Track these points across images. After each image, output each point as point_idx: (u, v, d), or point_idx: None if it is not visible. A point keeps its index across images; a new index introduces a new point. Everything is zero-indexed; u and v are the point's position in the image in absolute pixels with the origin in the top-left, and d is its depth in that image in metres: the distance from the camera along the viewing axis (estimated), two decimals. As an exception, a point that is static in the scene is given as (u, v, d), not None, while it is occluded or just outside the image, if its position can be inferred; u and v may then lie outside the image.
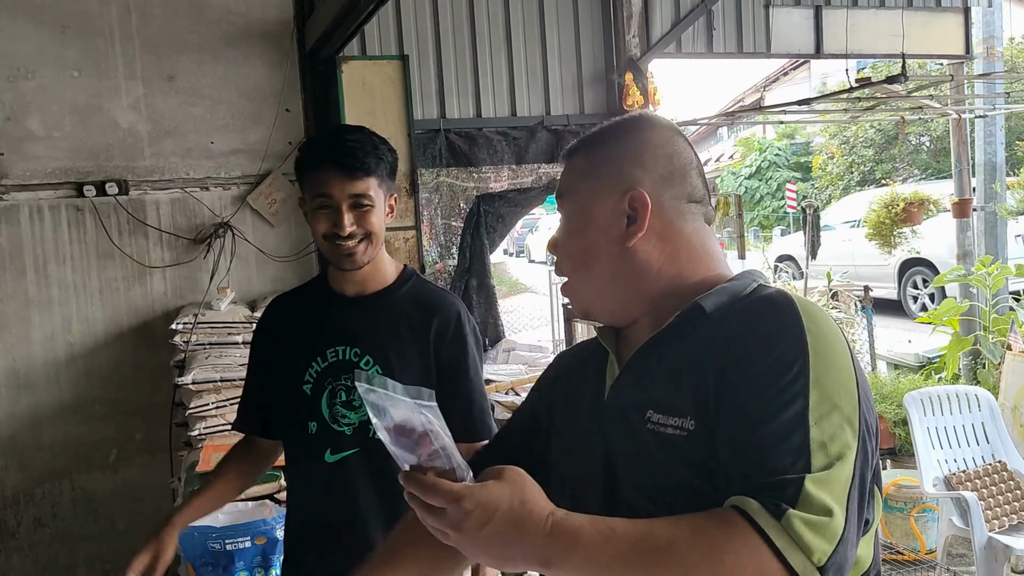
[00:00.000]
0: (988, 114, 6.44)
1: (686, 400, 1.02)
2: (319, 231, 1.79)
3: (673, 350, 1.08)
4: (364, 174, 1.77)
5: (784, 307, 1.02)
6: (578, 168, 1.19)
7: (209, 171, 4.35)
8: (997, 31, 6.50)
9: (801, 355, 0.97)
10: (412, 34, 4.81)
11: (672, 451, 1.02)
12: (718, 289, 1.10)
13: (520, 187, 4.99)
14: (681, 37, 5.28)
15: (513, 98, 5.01)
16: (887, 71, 13.28)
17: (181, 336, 3.88)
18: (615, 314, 1.19)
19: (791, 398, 0.95)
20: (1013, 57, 15.33)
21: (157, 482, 4.15)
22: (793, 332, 0.99)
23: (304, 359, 1.88)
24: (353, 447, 1.85)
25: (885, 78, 4.46)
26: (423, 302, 1.90)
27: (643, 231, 1.12)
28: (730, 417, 0.98)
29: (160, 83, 4.25)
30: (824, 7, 5.63)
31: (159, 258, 4.29)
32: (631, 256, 1.13)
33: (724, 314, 1.06)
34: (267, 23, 4.40)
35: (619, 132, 1.19)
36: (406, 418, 0.94)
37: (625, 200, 1.13)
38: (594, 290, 1.18)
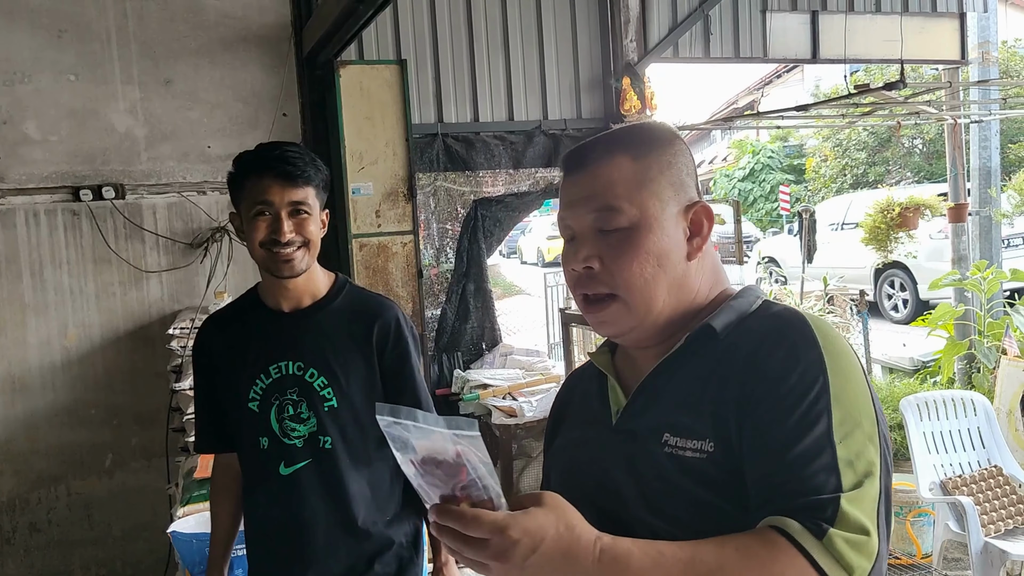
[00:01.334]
0: (983, 119, 6.46)
1: (704, 423, 1.02)
2: (256, 239, 1.80)
3: (685, 372, 1.08)
4: (304, 182, 1.80)
5: (798, 326, 1.03)
6: (630, 173, 1.11)
7: (206, 175, 4.34)
8: (992, 36, 6.53)
9: (821, 374, 0.98)
10: (410, 39, 4.81)
11: (692, 474, 1.02)
12: (725, 308, 1.10)
13: (517, 192, 5.00)
14: (678, 42, 5.29)
15: (510, 102, 5.01)
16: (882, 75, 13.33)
17: (178, 341, 3.86)
18: (653, 335, 1.13)
19: (815, 418, 0.96)
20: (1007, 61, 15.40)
21: (153, 487, 4.14)
22: (810, 352, 1.00)
23: (247, 377, 1.90)
24: (305, 459, 1.88)
25: (883, 84, 4.47)
26: (361, 309, 1.94)
27: (705, 244, 1.11)
28: (756, 439, 0.98)
29: (157, 87, 4.24)
30: (821, 12, 5.65)
31: (156, 262, 4.28)
32: (687, 273, 1.11)
33: (734, 333, 1.07)
34: (264, 27, 4.39)
35: (662, 140, 1.14)
36: (435, 449, 0.90)
37: (691, 212, 1.11)
38: (654, 308, 1.10)
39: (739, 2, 5.45)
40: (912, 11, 5.91)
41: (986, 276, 5.28)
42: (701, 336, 1.08)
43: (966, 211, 6.27)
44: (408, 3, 4.78)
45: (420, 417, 0.91)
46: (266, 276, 1.90)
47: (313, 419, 1.88)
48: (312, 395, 1.87)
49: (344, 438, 1.89)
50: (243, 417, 1.92)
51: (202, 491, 3.13)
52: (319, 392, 1.88)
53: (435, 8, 4.87)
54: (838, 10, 5.66)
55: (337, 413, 1.88)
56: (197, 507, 3.07)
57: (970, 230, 6.51)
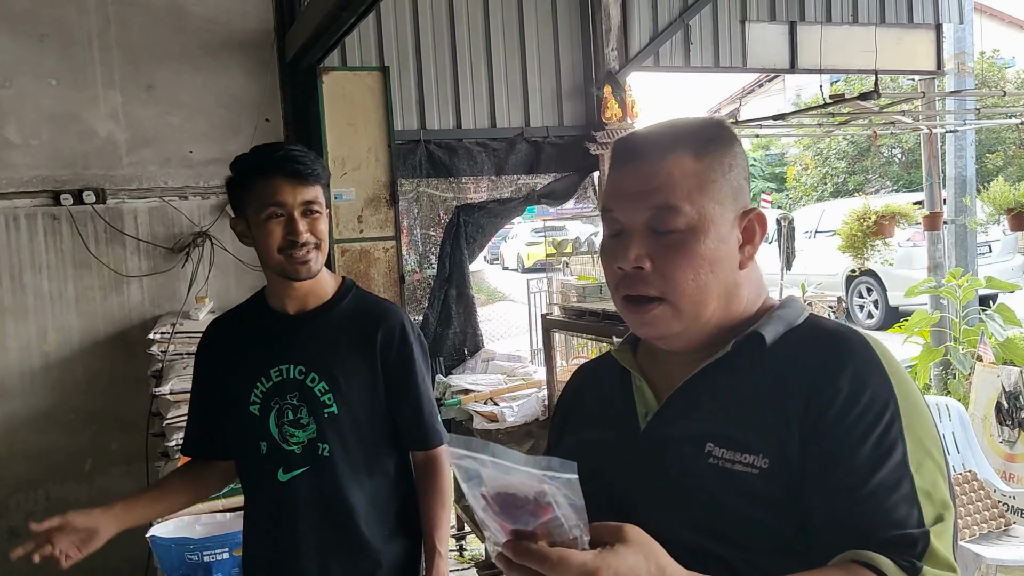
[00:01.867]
0: (959, 129, 6.56)
1: (756, 436, 0.97)
2: (273, 243, 1.77)
3: (731, 381, 1.02)
4: (314, 180, 1.78)
5: (861, 346, 0.99)
6: (691, 171, 1.04)
7: (188, 180, 4.34)
8: (968, 47, 6.63)
9: (891, 399, 0.95)
10: (393, 45, 4.84)
11: (741, 488, 0.96)
12: (773, 317, 1.05)
13: (500, 198, 5.03)
14: (659, 51, 5.34)
15: (493, 110, 5.04)
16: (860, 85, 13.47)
17: (158, 346, 3.86)
18: (696, 340, 1.08)
19: (891, 445, 0.93)
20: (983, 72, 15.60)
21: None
22: (878, 374, 0.96)
23: (249, 380, 1.86)
24: (303, 466, 1.84)
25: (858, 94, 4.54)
26: (366, 314, 1.89)
27: (757, 253, 1.07)
28: (827, 464, 0.94)
29: (138, 92, 4.24)
30: (799, 23, 5.72)
31: (136, 267, 4.27)
32: (739, 281, 1.06)
33: (782, 344, 1.02)
34: (247, 33, 4.40)
35: (723, 140, 1.07)
36: (513, 486, 0.84)
37: (744, 220, 1.05)
38: (703, 312, 1.05)
39: (719, 12, 5.51)
40: (889, 22, 6.00)
41: (961, 284, 5.36)
42: (749, 344, 1.03)
43: (941, 219, 6.36)
44: (391, 10, 4.81)
45: (499, 452, 0.85)
46: (274, 278, 1.86)
47: (313, 425, 1.83)
48: (312, 400, 1.83)
49: (344, 446, 1.84)
50: (243, 421, 1.88)
51: (182, 496, 3.13)
52: (319, 398, 1.83)
53: (418, 15, 4.90)
54: (815, 21, 5.73)
55: (337, 420, 1.83)
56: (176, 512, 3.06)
57: (945, 238, 6.60)
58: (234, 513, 3.06)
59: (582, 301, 4.27)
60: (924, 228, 6.39)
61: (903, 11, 6.06)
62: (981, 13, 16.28)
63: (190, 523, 2.99)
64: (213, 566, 2.76)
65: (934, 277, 6.37)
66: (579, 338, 4.63)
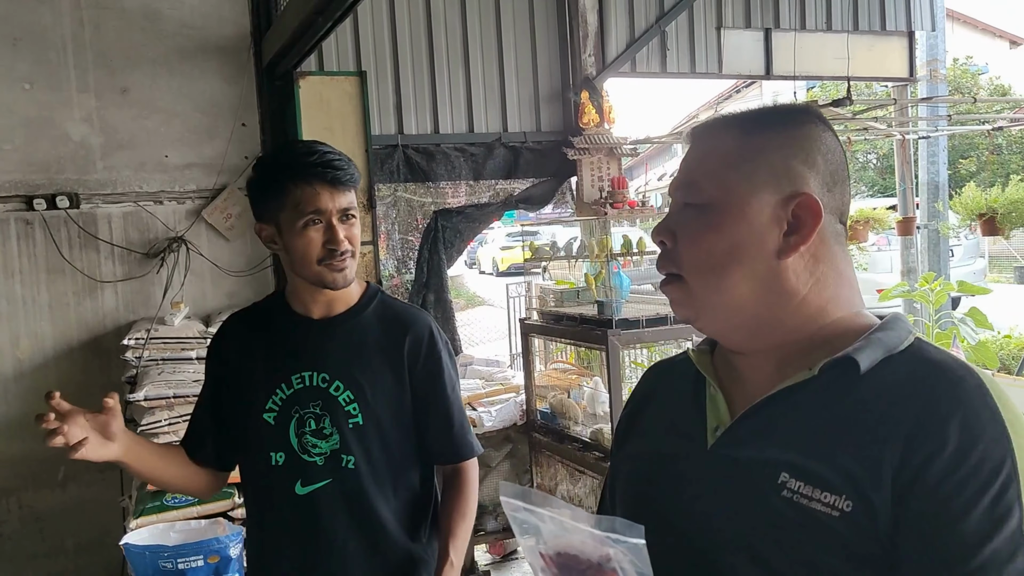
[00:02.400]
0: (931, 135, 6.64)
1: (839, 475, 0.87)
2: (312, 251, 1.68)
3: (815, 407, 0.92)
4: (352, 185, 1.72)
5: (974, 388, 0.86)
6: (727, 151, 0.98)
7: (163, 185, 4.32)
8: (940, 54, 6.74)
9: (1008, 454, 0.83)
10: (370, 50, 4.84)
11: (818, 529, 0.86)
12: (871, 340, 0.93)
13: (478, 203, 5.03)
14: (636, 57, 5.37)
15: (471, 115, 5.05)
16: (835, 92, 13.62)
17: (133, 352, 3.83)
18: (732, 335, 1.01)
19: (1006, 511, 0.81)
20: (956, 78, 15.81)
21: (106, 499, 4.08)
22: (994, 424, 0.84)
23: (267, 386, 1.77)
24: (325, 478, 1.74)
25: (831, 101, 4.60)
26: (393, 319, 1.81)
27: (806, 244, 0.95)
28: (931, 531, 0.83)
29: (113, 96, 4.21)
30: (774, 30, 5.78)
31: (111, 272, 4.24)
32: (780, 272, 0.95)
33: (882, 375, 0.90)
34: (223, 37, 4.39)
35: (787, 120, 1.00)
36: (574, 546, 0.80)
37: (791, 204, 0.95)
38: (722, 300, 0.97)
39: (695, 19, 5.56)
40: (862, 29, 6.07)
41: (934, 288, 5.41)
42: (840, 370, 0.91)
43: (914, 224, 6.43)
44: (368, 15, 4.81)
45: (559, 506, 0.80)
46: (302, 283, 1.77)
47: (336, 436, 1.74)
48: (336, 410, 1.74)
49: (369, 458, 1.75)
50: (254, 429, 1.77)
51: (155, 503, 3.12)
52: (344, 407, 1.74)
53: (395, 20, 4.91)
54: (790, 28, 5.79)
55: (362, 431, 1.74)
56: (150, 519, 3.05)
57: (918, 243, 6.68)
58: (209, 520, 3.05)
59: (560, 305, 4.29)
60: (898, 233, 6.46)
61: (876, 18, 6.14)
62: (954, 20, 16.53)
63: (164, 530, 2.98)
64: (188, 573, 2.75)
65: (907, 281, 6.44)
66: (557, 342, 4.65)
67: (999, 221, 4.97)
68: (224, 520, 3.05)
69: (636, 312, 3.76)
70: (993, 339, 5.46)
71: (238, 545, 2.87)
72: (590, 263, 4.15)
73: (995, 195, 5.01)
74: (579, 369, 4.70)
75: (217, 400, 1.86)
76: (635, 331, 3.63)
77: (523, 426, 4.48)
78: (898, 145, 6.58)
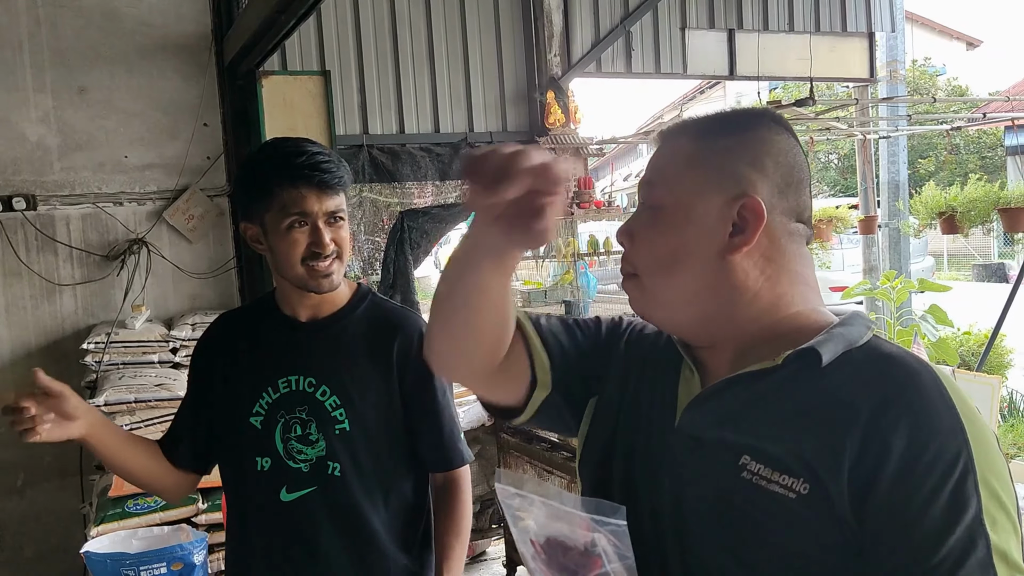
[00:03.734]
0: (891, 135, 6.74)
1: (799, 460, 0.90)
2: (296, 254, 1.64)
3: (778, 396, 0.95)
4: (340, 188, 1.66)
5: (929, 382, 0.90)
6: (681, 154, 1.02)
7: (123, 186, 4.24)
8: (900, 55, 6.84)
9: (964, 446, 0.86)
10: (334, 49, 4.80)
11: (777, 512, 0.90)
12: (833, 335, 0.95)
13: (444, 203, 5.01)
14: (601, 57, 5.39)
15: (436, 115, 5.03)
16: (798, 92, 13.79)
17: (93, 356, 3.76)
18: (687, 329, 1.04)
19: (964, 502, 0.84)
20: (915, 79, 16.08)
21: (67, 507, 4.01)
22: (950, 417, 0.87)
23: (253, 389, 1.71)
24: (310, 485, 1.69)
25: (794, 101, 4.64)
26: (382, 322, 1.76)
27: (749, 245, 0.98)
28: (894, 526, 0.86)
29: (71, 96, 4.13)
30: (737, 31, 5.83)
31: (69, 275, 4.16)
32: (727, 270, 0.99)
33: (842, 368, 0.93)
34: (184, 36, 4.33)
35: (739, 124, 1.03)
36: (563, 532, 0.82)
37: (736, 206, 0.98)
38: (672, 297, 1.01)
39: (659, 19, 5.59)
40: (824, 30, 6.15)
41: (895, 286, 5.49)
42: (803, 361, 0.94)
43: (876, 223, 6.52)
44: (332, 14, 4.77)
45: (552, 493, 0.82)
46: (288, 285, 1.72)
47: (322, 442, 1.68)
48: (322, 415, 1.69)
49: (356, 466, 1.69)
50: (241, 433, 1.72)
51: (116, 510, 3.06)
52: (330, 413, 1.69)
53: (359, 19, 4.87)
54: (753, 29, 5.85)
55: (349, 437, 1.69)
56: (111, 526, 2.99)
57: (880, 241, 6.78)
58: (172, 527, 3.00)
59: (527, 305, 4.28)
60: (860, 231, 6.55)
61: (837, 20, 6.22)
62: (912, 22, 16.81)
63: (126, 538, 2.92)
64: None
65: (869, 279, 6.52)
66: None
67: (958, 219, 5.04)
68: (187, 526, 2.99)
69: (604, 311, 3.77)
70: (953, 336, 5.55)
71: (202, 552, 2.82)
72: (557, 263, 4.16)
73: (954, 194, 5.09)
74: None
75: (201, 401, 1.81)
76: (602, 331, 3.63)
77: (491, 427, 4.47)
78: (859, 145, 6.67)
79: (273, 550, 1.73)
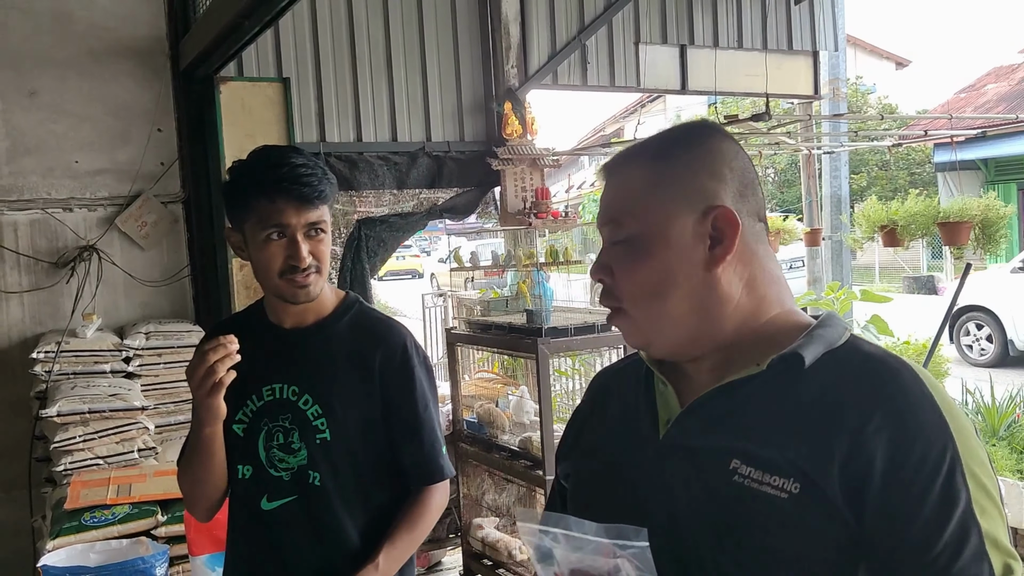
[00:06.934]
0: (835, 150, 6.95)
1: (788, 461, 0.92)
2: (274, 266, 1.64)
3: (763, 399, 0.97)
4: (321, 202, 1.64)
5: (910, 381, 0.92)
6: (639, 183, 1.03)
7: (73, 191, 4.14)
8: (842, 73, 7.07)
9: (949, 440, 0.88)
10: (292, 56, 4.76)
11: (769, 512, 0.92)
12: (814, 336, 0.98)
13: (401, 212, 5.00)
14: (557, 69, 5.46)
15: (394, 124, 5.03)
16: (737, 107, 14.12)
17: (42, 365, 3.65)
18: (682, 348, 1.04)
19: (956, 494, 0.87)
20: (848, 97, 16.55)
21: (14, 520, 3.88)
22: (933, 413, 0.90)
23: (237, 397, 1.70)
24: (291, 494, 1.69)
25: (751, 115, 4.76)
26: (366, 332, 1.75)
27: (731, 253, 0.99)
28: (891, 525, 0.88)
29: (20, 99, 4.02)
30: (689, 46, 5.96)
31: (16, 283, 4.04)
32: (714, 283, 1.00)
33: (824, 369, 0.96)
34: (137, 40, 4.25)
35: (689, 140, 1.04)
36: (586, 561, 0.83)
37: (709, 219, 0.99)
38: (665, 322, 1.02)
39: (614, 33, 5.68)
40: (771, 48, 6.32)
41: (839, 296, 5.66)
42: (786, 364, 0.96)
43: (821, 235, 6.72)
44: (290, 21, 4.74)
45: (573, 525, 0.83)
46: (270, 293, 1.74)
47: (304, 451, 1.68)
48: (305, 424, 1.68)
49: (336, 476, 1.69)
50: (228, 441, 1.71)
51: (73, 523, 2.97)
52: (312, 422, 1.68)
53: (317, 27, 4.84)
54: (704, 45, 5.98)
55: (330, 447, 1.68)
56: (68, 539, 2.90)
57: (823, 253, 6.99)
58: (131, 540, 2.93)
59: (487, 315, 4.30)
60: (805, 244, 6.73)
61: (783, 38, 6.41)
62: (854, 45, 17.35)
63: (83, 551, 2.84)
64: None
65: (814, 290, 6.71)
66: (482, 351, 4.65)
67: (899, 233, 5.22)
68: (147, 539, 2.93)
69: (564, 320, 3.80)
70: (893, 345, 5.74)
71: (164, 564, 2.76)
72: (515, 272, 4.18)
73: (895, 208, 5.26)
74: (504, 379, 4.72)
75: None
76: (564, 339, 3.66)
77: (449, 436, 4.46)
78: (804, 160, 6.87)
79: (254, 558, 1.74)
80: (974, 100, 14.53)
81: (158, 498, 3.07)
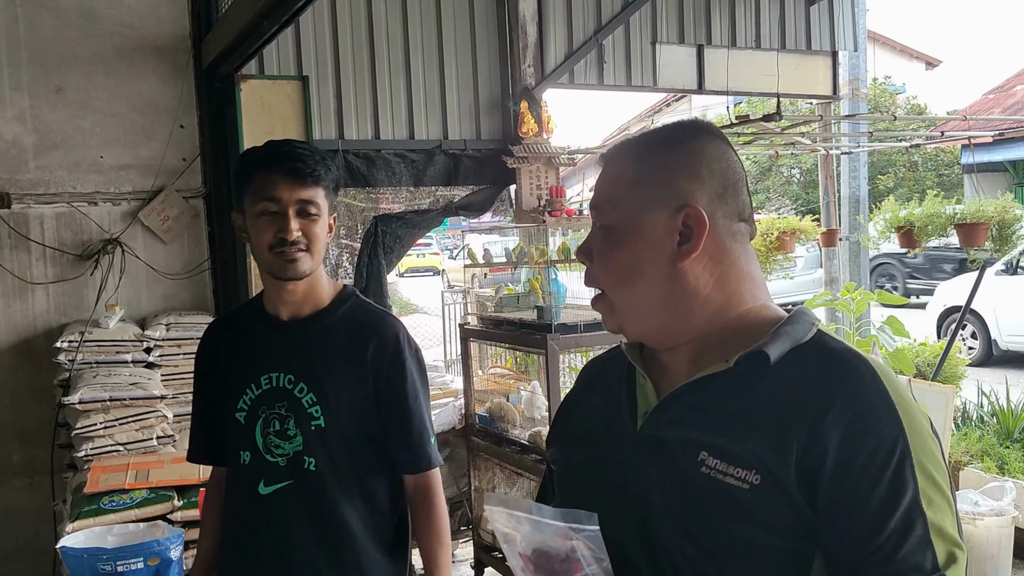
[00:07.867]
0: (853, 151, 6.93)
1: (750, 454, 0.97)
2: (264, 240, 1.72)
3: (729, 394, 1.02)
4: (313, 181, 1.72)
5: (868, 376, 0.97)
6: (623, 176, 1.10)
7: (98, 186, 4.25)
8: (862, 73, 7.04)
9: (900, 434, 0.94)
10: (311, 55, 4.84)
11: (732, 503, 0.97)
12: (780, 333, 1.03)
13: (418, 208, 5.07)
14: (574, 69, 5.49)
15: (411, 121, 5.09)
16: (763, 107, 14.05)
17: (66, 354, 3.76)
18: (653, 336, 1.11)
19: (903, 486, 0.92)
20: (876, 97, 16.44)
21: (36, 505, 3.99)
22: (886, 408, 0.95)
23: (238, 385, 1.80)
24: (287, 479, 1.76)
25: (762, 116, 4.78)
26: (360, 324, 1.82)
27: (697, 252, 1.05)
28: (841, 512, 0.94)
29: (47, 95, 4.14)
30: (706, 46, 5.97)
31: (42, 274, 4.15)
32: (680, 277, 1.06)
33: (787, 364, 1.01)
34: (162, 38, 4.35)
35: (672, 139, 1.10)
36: (547, 543, 0.89)
37: (679, 217, 1.05)
38: (634, 309, 1.09)
39: (631, 33, 5.70)
40: (789, 48, 6.31)
41: (855, 297, 5.65)
42: (752, 361, 1.02)
43: (837, 236, 6.70)
44: (310, 20, 4.81)
45: (535, 510, 0.90)
46: (268, 279, 1.80)
47: (299, 437, 1.75)
48: (300, 412, 1.76)
49: (330, 461, 1.76)
50: (229, 428, 1.82)
51: (92, 506, 3.07)
52: (307, 409, 1.76)
53: (337, 26, 4.92)
54: (721, 45, 5.99)
55: (324, 434, 1.75)
56: (87, 522, 3.00)
57: (840, 255, 6.97)
58: (147, 523, 3.02)
59: (499, 311, 4.35)
60: (822, 244, 6.72)
61: (802, 38, 6.40)
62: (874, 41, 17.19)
63: (101, 534, 2.93)
64: (127, 575, 2.72)
65: (830, 291, 6.70)
66: (496, 347, 4.71)
67: (916, 234, 5.23)
68: (163, 523, 3.02)
69: (574, 317, 3.85)
70: (909, 347, 5.72)
71: (179, 547, 2.85)
72: (528, 269, 4.23)
73: (912, 209, 5.26)
74: (516, 374, 4.78)
75: (204, 400, 1.93)
76: (574, 335, 3.71)
77: (462, 430, 4.53)
78: (822, 160, 6.85)
79: (248, 541, 1.82)
80: (1003, 101, 14.36)
81: (175, 484, 3.15)
